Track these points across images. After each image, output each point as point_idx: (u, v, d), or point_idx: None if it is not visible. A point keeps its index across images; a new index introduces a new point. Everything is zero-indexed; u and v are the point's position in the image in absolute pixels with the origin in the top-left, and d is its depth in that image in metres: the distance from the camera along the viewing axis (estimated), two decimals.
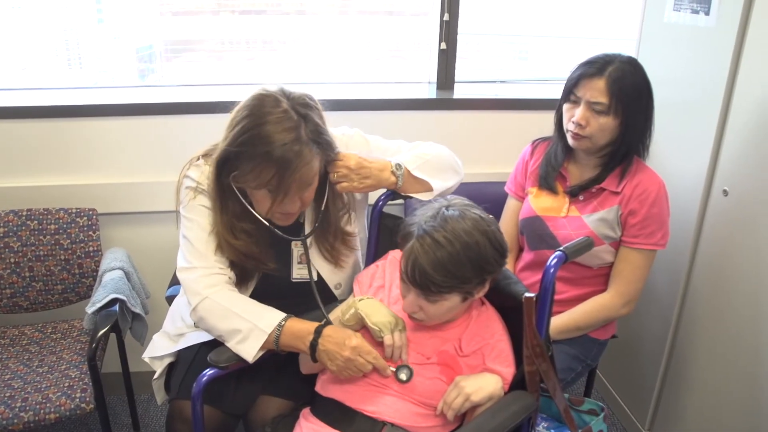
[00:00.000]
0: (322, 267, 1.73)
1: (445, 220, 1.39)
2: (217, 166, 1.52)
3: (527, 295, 1.45)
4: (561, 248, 1.48)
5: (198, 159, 1.64)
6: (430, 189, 1.70)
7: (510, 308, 1.54)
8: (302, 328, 1.54)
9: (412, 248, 1.38)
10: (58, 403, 1.87)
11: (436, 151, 1.80)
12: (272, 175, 1.43)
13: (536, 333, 1.45)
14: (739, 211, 1.84)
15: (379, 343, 1.50)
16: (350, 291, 1.78)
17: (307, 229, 1.70)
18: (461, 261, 1.36)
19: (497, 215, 2.11)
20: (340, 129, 1.74)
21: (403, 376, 1.48)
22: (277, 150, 1.41)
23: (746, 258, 1.82)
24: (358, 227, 1.81)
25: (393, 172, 1.66)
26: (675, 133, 2.06)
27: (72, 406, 1.88)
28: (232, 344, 1.55)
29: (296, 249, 1.73)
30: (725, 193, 1.88)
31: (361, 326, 1.54)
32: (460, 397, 1.42)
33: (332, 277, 1.75)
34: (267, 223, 1.60)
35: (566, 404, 1.63)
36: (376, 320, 1.49)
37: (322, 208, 1.66)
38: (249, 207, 1.58)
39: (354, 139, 1.74)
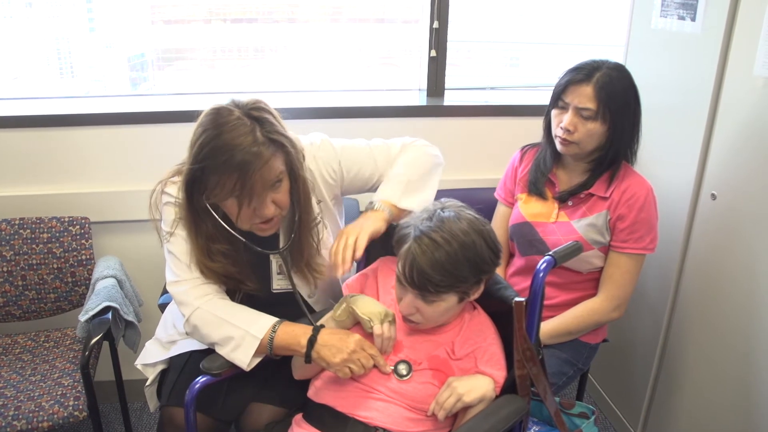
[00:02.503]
0: (297, 277, 1.74)
1: (441, 221, 1.40)
2: (186, 189, 1.52)
3: (517, 299, 1.46)
4: (550, 253, 1.50)
5: (174, 176, 1.64)
6: (426, 201, 1.71)
7: (501, 313, 1.55)
8: (297, 328, 1.55)
9: (409, 249, 1.40)
10: (51, 412, 1.87)
11: (411, 165, 1.77)
12: (235, 181, 1.43)
13: (526, 337, 1.46)
14: (727, 214, 1.86)
15: (369, 335, 1.51)
16: (324, 300, 1.81)
17: (283, 241, 1.71)
18: (459, 260, 1.38)
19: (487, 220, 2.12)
20: (309, 137, 1.73)
21: (403, 371, 1.50)
22: (237, 155, 1.42)
23: (735, 260, 1.84)
24: (335, 234, 1.80)
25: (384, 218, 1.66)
26: (663, 138, 2.08)
27: (65, 414, 1.88)
28: (226, 352, 1.55)
29: (275, 260, 1.74)
30: (713, 196, 1.89)
31: (354, 322, 1.56)
32: (452, 397, 1.43)
33: (304, 286, 1.76)
34: (243, 239, 1.60)
35: (557, 408, 1.64)
36: (366, 311, 1.50)
37: (296, 219, 1.65)
38: (225, 225, 1.58)
39: (322, 149, 1.72)
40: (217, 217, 1.56)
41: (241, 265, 1.64)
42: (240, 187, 1.44)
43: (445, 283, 1.38)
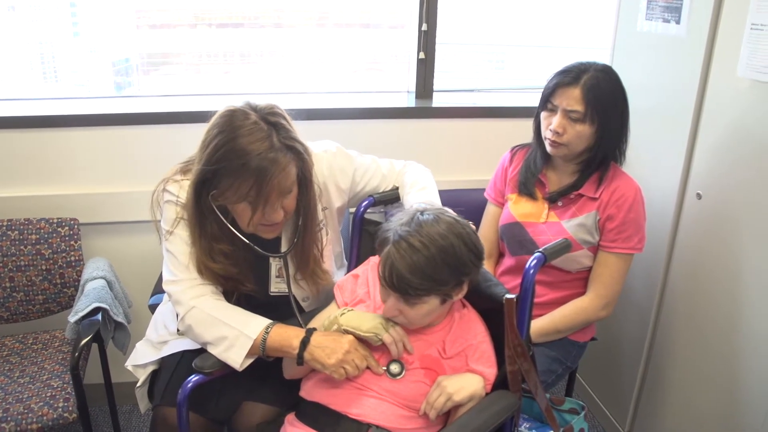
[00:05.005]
0: (300, 281, 1.75)
1: (420, 225, 1.41)
2: (195, 189, 1.53)
3: (508, 296, 1.47)
4: (540, 249, 1.52)
5: (176, 175, 1.65)
6: None
7: (491, 310, 1.56)
8: (290, 329, 1.56)
9: (388, 253, 1.40)
10: (40, 413, 1.86)
11: (424, 175, 1.87)
12: (250, 186, 1.45)
13: (517, 333, 1.47)
14: (712, 213, 1.88)
15: (376, 349, 1.52)
16: (317, 303, 1.81)
17: (285, 245, 1.72)
18: (437, 264, 1.38)
19: (477, 222, 2.14)
20: (321, 145, 1.76)
21: (395, 370, 1.50)
22: (253, 161, 1.43)
23: (720, 258, 1.86)
24: (334, 242, 1.84)
25: None
26: (649, 139, 2.11)
27: (54, 416, 1.87)
28: (219, 352, 1.56)
29: (274, 263, 1.74)
30: (699, 196, 1.92)
31: None
32: (442, 396, 1.44)
33: (300, 291, 1.77)
34: (247, 241, 1.61)
35: (548, 403, 1.65)
36: (367, 328, 1.50)
37: (299, 224, 1.68)
38: (230, 226, 1.59)
39: (337, 158, 1.77)
40: (222, 218, 1.57)
41: (241, 266, 1.65)
42: (255, 192, 1.46)
43: (424, 286, 1.39)
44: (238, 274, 1.65)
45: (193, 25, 2.61)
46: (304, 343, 1.51)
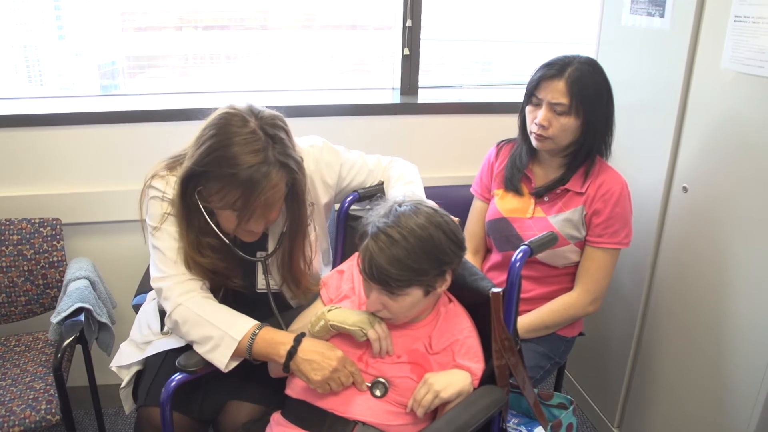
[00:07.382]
0: (278, 279, 1.74)
1: (398, 217, 1.40)
2: (182, 184, 1.51)
3: (494, 290, 1.47)
4: (526, 242, 1.51)
5: (162, 170, 1.63)
6: None
7: (478, 304, 1.55)
8: (277, 335, 1.54)
9: (367, 246, 1.39)
10: (22, 416, 1.84)
11: (409, 170, 1.86)
12: (238, 196, 1.43)
13: (504, 327, 1.46)
14: (698, 206, 1.89)
15: (359, 346, 1.51)
16: (304, 300, 1.79)
17: (271, 244, 1.70)
18: (417, 254, 1.37)
19: (463, 218, 2.13)
20: (307, 140, 1.75)
21: (377, 392, 1.49)
22: (243, 172, 1.40)
23: (707, 251, 1.87)
24: (321, 238, 1.82)
25: None
26: (635, 133, 2.11)
27: (37, 419, 1.84)
28: (204, 351, 1.54)
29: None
30: (685, 189, 1.92)
31: (331, 336, 1.54)
32: (429, 394, 1.43)
33: (287, 290, 1.76)
34: (229, 243, 1.60)
35: (536, 398, 1.65)
36: (353, 321, 1.49)
37: (286, 224, 1.66)
38: (214, 226, 1.57)
39: (324, 153, 1.75)
40: (207, 218, 1.55)
41: (229, 260, 1.64)
42: (242, 204, 1.44)
43: (404, 277, 1.37)
44: (226, 269, 1.63)
45: (178, 28, 2.60)
46: (291, 354, 1.49)
